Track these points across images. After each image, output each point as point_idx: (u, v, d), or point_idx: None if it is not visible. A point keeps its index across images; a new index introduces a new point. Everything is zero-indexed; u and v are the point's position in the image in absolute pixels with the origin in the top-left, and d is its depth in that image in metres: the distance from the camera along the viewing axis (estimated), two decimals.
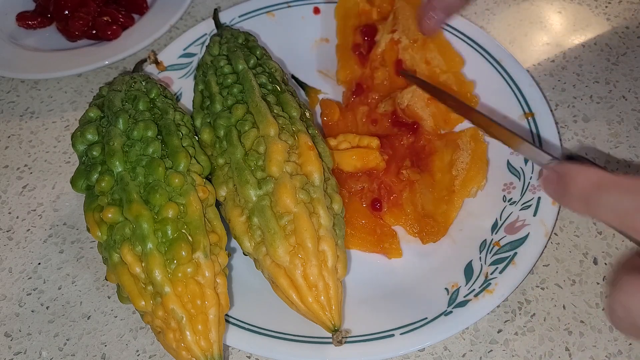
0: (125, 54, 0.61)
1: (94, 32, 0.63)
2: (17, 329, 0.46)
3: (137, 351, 0.44)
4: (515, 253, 0.43)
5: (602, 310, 0.44)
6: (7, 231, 0.51)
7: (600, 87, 0.57)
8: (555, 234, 0.48)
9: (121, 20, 0.64)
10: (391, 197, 0.48)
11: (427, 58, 0.55)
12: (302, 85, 0.58)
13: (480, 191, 0.48)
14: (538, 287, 0.45)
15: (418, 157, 0.49)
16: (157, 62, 0.57)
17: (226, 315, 0.42)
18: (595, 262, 0.46)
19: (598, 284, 0.45)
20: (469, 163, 0.48)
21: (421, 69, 0.54)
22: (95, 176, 0.40)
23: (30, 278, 0.48)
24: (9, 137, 0.58)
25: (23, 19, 0.66)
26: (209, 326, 0.36)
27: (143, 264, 0.36)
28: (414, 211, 0.47)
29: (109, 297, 0.47)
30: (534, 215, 0.45)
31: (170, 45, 0.59)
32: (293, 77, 0.58)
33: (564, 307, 0.44)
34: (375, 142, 0.49)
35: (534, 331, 0.43)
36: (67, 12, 0.63)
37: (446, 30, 0.58)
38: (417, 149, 0.50)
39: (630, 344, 0.42)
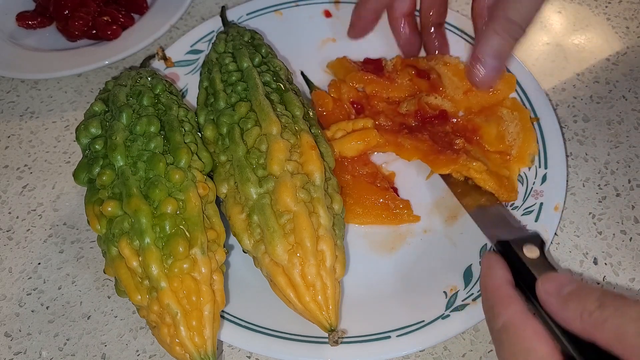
0: (125, 54, 0.61)
1: (94, 32, 0.63)
2: (17, 329, 0.46)
3: (137, 351, 0.44)
4: None
5: None
6: (7, 231, 0.51)
7: (600, 87, 0.57)
8: (556, 234, 0.48)
9: (121, 20, 0.64)
10: (455, 143, 0.48)
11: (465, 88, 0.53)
12: (309, 82, 0.57)
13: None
14: None
15: (464, 137, 0.49)
16: (165, 58, 0.57)
17: (223, 312, 0.42)
18: (595, 262, 0.46)
19: (598, 283, 0.45)
20: (520, 132, 0.49)
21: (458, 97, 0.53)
22: (97, 170, 0.40)
23: (30, 278, 0.48)
24: (9, 137, 0.58)
25: (23, 19, 0.66)
26: (203, 322, 0.36)
27: (140, 259, 0.36)
28: (487, 170, 0.46)
29: (109, 297, 0.47)
30: (536, 220, 0.45)
31: (177, 42, 0.59)
32: (302, 73, 0.58)
33: None
34: (369, 122, 0.49)
35: None
36: (67, 12, 0.63)
37: (452, 32, 0.58)
38: (459, 130, 0.49)
39: None
